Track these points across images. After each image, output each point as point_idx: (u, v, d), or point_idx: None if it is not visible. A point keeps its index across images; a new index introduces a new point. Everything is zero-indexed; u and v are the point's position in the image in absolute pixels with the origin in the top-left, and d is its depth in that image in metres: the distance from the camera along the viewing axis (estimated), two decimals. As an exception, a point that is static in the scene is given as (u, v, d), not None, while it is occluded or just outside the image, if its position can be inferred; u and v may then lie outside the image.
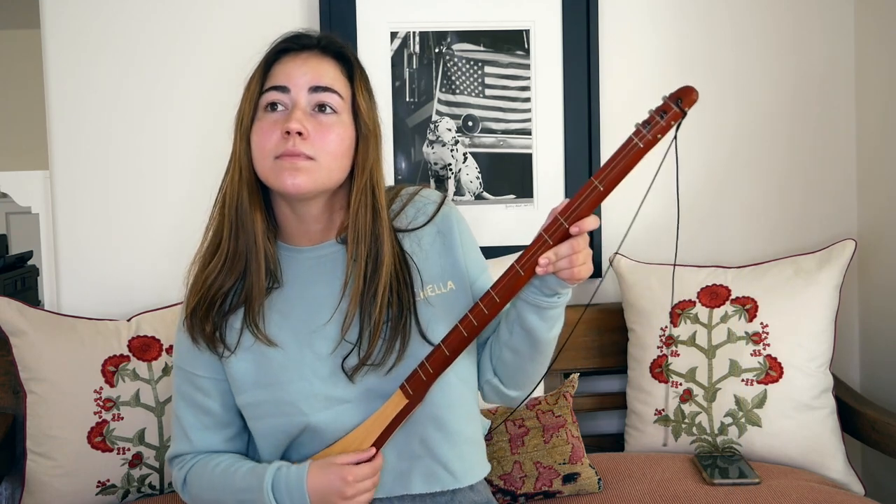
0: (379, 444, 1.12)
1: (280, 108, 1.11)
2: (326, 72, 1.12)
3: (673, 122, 0.99)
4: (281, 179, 1.08)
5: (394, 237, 1.16)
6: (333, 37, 1.17)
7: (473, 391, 1.22)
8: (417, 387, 1.10)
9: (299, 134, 1.07)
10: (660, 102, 1.00)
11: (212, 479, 1.14)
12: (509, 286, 1.06)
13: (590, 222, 1.03)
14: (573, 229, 1.02)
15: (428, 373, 1.09)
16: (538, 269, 1.03)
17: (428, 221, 1.20)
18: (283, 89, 1.11)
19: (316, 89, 1.11)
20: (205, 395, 1.17)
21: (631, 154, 1.00)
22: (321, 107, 1.11)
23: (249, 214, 1.12)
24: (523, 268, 1.04)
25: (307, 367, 1.12)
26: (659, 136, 0.99)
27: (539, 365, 1.17)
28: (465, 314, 1.08)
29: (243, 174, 1.12)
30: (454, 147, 1.92)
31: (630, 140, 1.00)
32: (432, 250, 1.19)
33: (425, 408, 1.14)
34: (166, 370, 1.62)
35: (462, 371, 1.17)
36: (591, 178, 1.02)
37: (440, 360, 1.09)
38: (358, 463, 1.09)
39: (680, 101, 0.98)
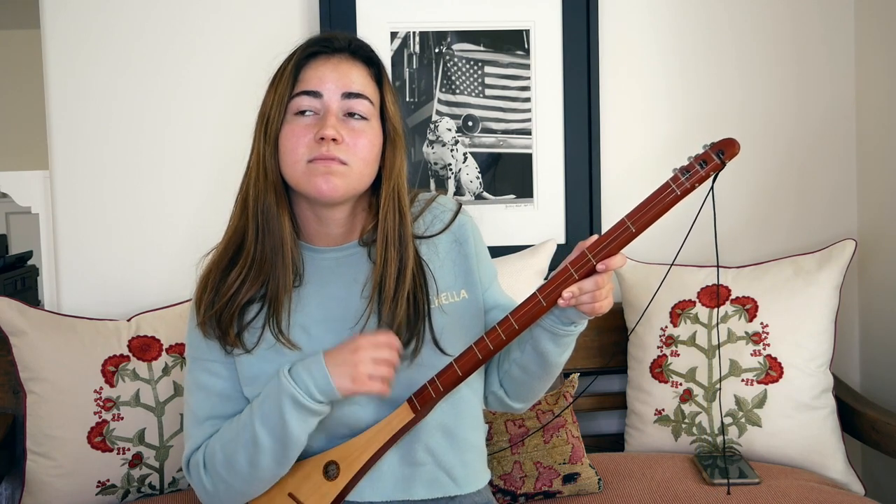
0: (380, 453, 1.11)
1: (311, 112, 1.10)
2: (357, 77, 1.12)
3: (712, 173, 1.00)
4: (314, 184, 1.08)
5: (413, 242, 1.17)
6: (362, 40, 1.17)
7: (480, 399, 1.23)
8: (425, 402, 1.10)
9: (333, 140, 1.07)
10: (700, 150, 1.01)
11: (232, 426, 1.11)
12: (529, 315, 1.06)
13: (617, 261, 1.03)
14: (600, 266, 1.02)
15: (438, 390, 1.09)
16: (560, 302, 1.03)
17: (444, 229, 1.20)
18: (315, 94, 1.10)
19: (348, 95, 1.11)
20: (223, 381, 1.14)
21: (667, 200, 1.00)
22: (352, 112, 1.11)
23: (277, 217, 1.12)
24: (546, 298, 1.05)
25: None
26: (697, 185, 1.00)
27: (545, 383, 1.19)
28: (482, 336, 1.09)
29: (269, 176, 1.11)
30: (454, 147, 1.92)
31: (667, 185, 1.00)
32: (448, 258, 1.19)
33: (433, 415, 1.14)
34: (166, 370, 1.62)
35: (471, 380, 1.17)
36: (623, 217, 1.02)
37: (452, 379, 1.09)
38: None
39: (721, 154, 0.99)
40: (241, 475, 1.10)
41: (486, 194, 1.93)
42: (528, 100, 1.92)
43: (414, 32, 1.89)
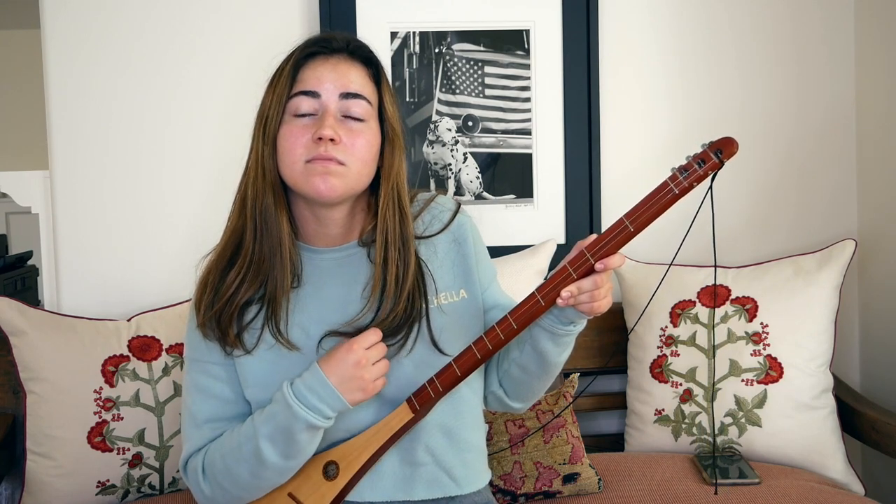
0: (380, 453, 1.11)
1: (309, 112, 1.10)
2: (356, 78, 1.12)
3: (710, 172, 1.00)
4: (312, 184, 1.08)
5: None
6: (360, 41, 1.17)
7: (480, 399, 1.23)
8: (424, 402, 1.10)
9: (331, 140, 1.07)
10: (699, 150, 1.00)
11: (232, 438, 1.11)
12: (528, 314, 1.06)
13: (615, 260, 1.02)
14: (598, 266, 1.02)
15: (437, 390, 1.09)
16: (559, 302, 1.03)
17: (443, 229, 1.20)
18: (313, 94, 1.10)
19: (346, 96, 1.10)
20: (221, 384, 1.14)
21: (665, 199, 1.00)
22: (350, 113, 1.11)
23: (275, 217, 1.11)
24: (544, 298, 1.05)
25: None
26: (695, 184, 1.00)
27: (545, 382, 1.19)
28: (481, 336, 1.09)
29: (267, 177, 1.11)
30: (454, 147, 1.92)
31: (665, 185, 1.00)
32: (447, 258, 1.19)
33: (434, 415, 1.14)
34: (166, 370, 1.62)
35: (471, 380, 1.17)
36: (622, 217, 1.02)
37: (451, 379, 1.09)
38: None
39: (720, 153, 0.99)
40: (242, 485, 1.11)
41: (485, 194, 1.93)
42: (528, 100, 1.92)
43: (414, 32, 1.89)
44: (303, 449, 1.08)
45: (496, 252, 1.79)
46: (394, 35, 1.89)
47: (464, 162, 1.92)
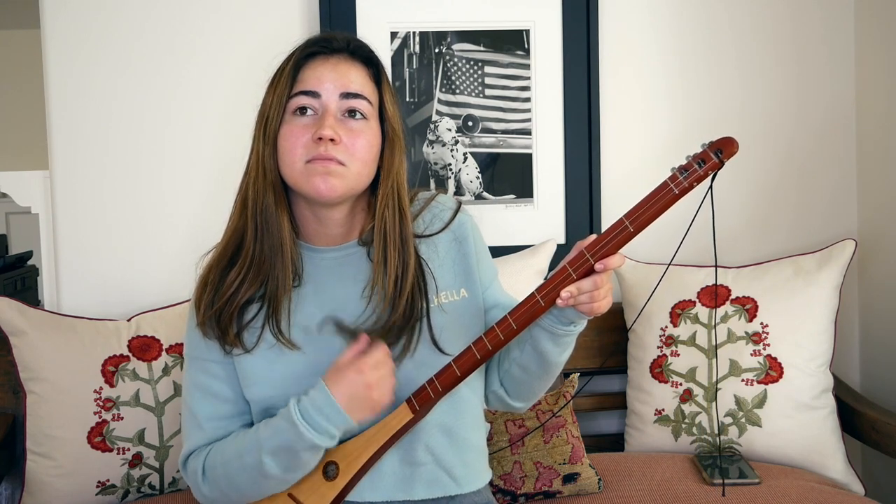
0: (380, 453, 1.11)
1: (309, 112, 1.10)
2: (356, 77, 1.12)
3: (710, 172, 1.00)
4: (312, 184, 1.08)
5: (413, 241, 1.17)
6: (361, 40, 1.17)
7: (481, 398, 1.23)
8: (424, 402, 1.10)
9: (331, 140, 1.07)
10: (699, 149, 1.00)
11: (234, 446, 1.11)
12: (528, 315, 1.06)
13: (615, 261, 1.02)
14: (598, 266, 1.02)
15: (437, 390, 1.09)
16: (559, 302, 1.03)
17: (444, 228, 1.20)
18: (313, 94, 1.10)
19: (347, 95, 1.11)
20: (221, 382, 1.14)
21: (665, 199, 1.00)
22: (351, 112, 1.11)
23: (276, 217, 1.11)
24: (544, 298, 1.05)
25: (322, 368, 1.12)
26: (695, 184, 1.00)
27: (546, 382, 1.19)
28: (480, 337, 1.08)
29: (268, 177, 1.11)
30: (454, 147, 1.92)
31: (665, 185, 1.00)
32: (448, 257, 1.19)
33: (434, 415, 1.14)
34: (166, 370, 1.62)
35: (471, 380, 1.17)
36: (621, 217, 1.02)
37: (450, 379, 1.09)
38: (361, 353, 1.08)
39: (720, 153, 0.99)
40: (242, 490, 1.11)
41: (485, 194, 1.94)
42: (528, 100, 1.92)
43: (414, 32, 1.89)
44: (305, 464, 1.09)
45: (496, 252, 1.79)
46: (394, 35, 1.89)
47: (464, 162, 1.92)
